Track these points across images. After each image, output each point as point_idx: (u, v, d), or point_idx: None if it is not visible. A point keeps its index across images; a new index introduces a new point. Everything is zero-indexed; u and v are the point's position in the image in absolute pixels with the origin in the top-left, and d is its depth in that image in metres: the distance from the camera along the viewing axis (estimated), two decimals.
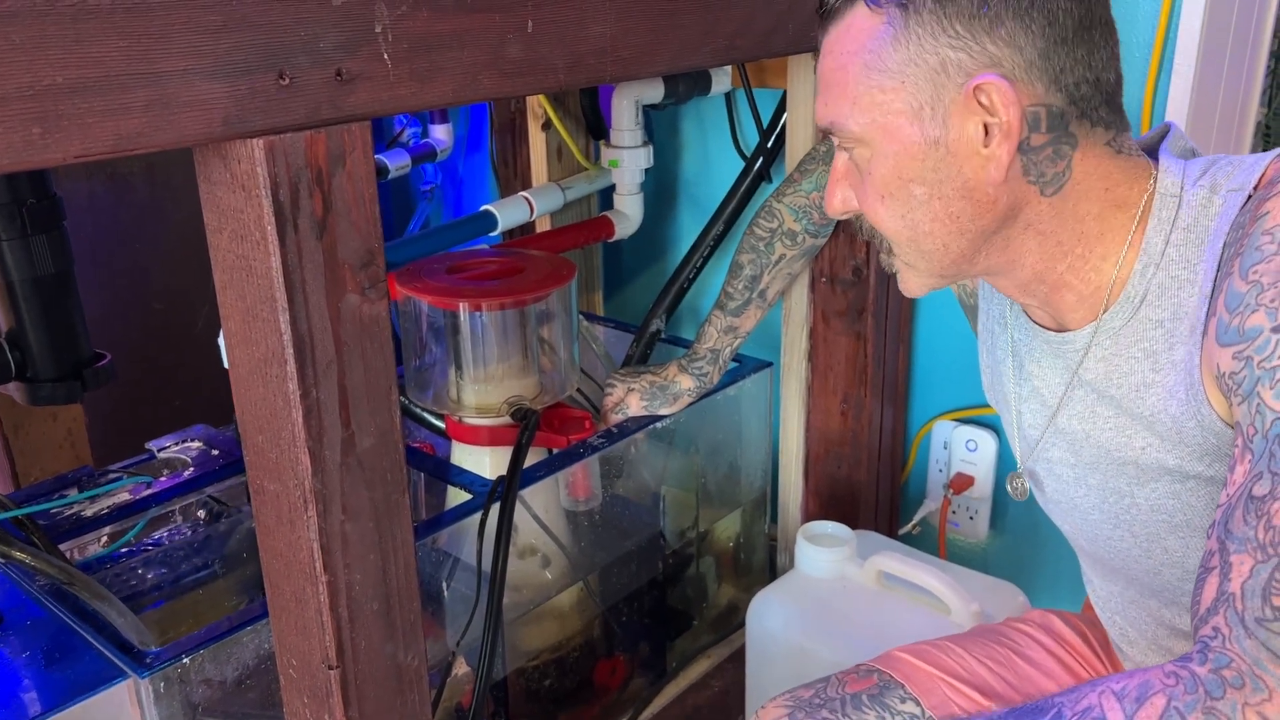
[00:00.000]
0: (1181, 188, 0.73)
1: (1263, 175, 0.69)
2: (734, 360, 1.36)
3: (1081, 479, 0.83)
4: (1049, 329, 0.81)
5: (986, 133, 0.70)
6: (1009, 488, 0.92)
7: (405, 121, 2.01)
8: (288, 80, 0.66)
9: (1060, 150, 0.72)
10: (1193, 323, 0.71)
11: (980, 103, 0.70)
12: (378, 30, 0.70)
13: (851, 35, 0.73)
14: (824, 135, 0.96)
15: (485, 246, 1.53)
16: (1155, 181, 0.74)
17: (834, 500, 1.53)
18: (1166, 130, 0.78)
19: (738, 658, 1.44)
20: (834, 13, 0.74)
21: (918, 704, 0.93)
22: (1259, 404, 0.62)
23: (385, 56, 0.71)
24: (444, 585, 1.15)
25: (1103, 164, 0.73)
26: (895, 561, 1.24)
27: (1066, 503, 0.87)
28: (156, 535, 1.20)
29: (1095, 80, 0.71)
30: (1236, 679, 0.57)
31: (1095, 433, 0.80)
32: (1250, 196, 0.69)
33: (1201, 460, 0.74)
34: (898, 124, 0.72)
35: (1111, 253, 0.74)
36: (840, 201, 0.80)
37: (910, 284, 0.80)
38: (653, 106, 1.58)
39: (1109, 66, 0.72)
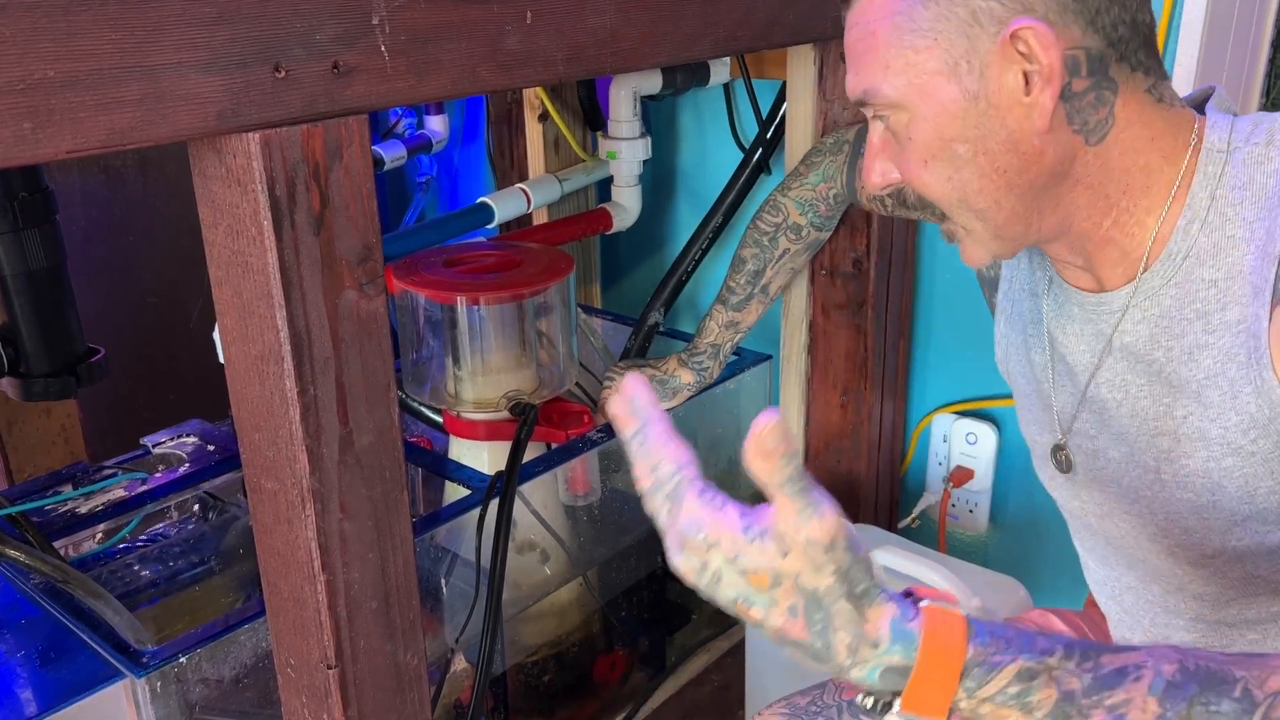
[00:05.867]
0: (1229, 144, 0.71)
1: None
2: (733, 354, 1.35)
3: (1103, 451, 0.80)
4: (1086, 290, 0.79)
5: (1027, 81, 0.68)
6: (1053, 461, 0.87)
7: (400, 113, 1.99)
8: (283, 73, 0.65)
9: (1102, 96, 0.70)
10: (1254, 283, 0.68)
11: (1019, 51, 0.67)
12: (375, 22, 0.69)
13: (877, 1, 0.71)
14: (856, 110, 0.93)
15: (482, 239, 1.52)
16: (1199, 135, 0.72)
17: (833, 494, 1.50)
18: (1210, 91, 0.76)
19: (737, 652, 1.44)
20: None
21: None
22: None
23: (383, 49, 0.70)
24: (443, 581, 1.14)
25: (1145, 112, 0.71)
26: (896, 556, 1.23)
27: (1087, 476, 0.84)
28: (152, 532, 1.19)
29: (1132, 21, 0.69)
30: None
31: (1128, 401, 0.77)
32: None
33: (1247, 434, 0.71)
34: (935, 83, 0.70)
35: (1156, 206, 0.72)
36: (880, 174, 0.77)
37: (972, 253, 0.77)
38: (651, 98, 1.57)
39: (1144, 6, 0.70)
